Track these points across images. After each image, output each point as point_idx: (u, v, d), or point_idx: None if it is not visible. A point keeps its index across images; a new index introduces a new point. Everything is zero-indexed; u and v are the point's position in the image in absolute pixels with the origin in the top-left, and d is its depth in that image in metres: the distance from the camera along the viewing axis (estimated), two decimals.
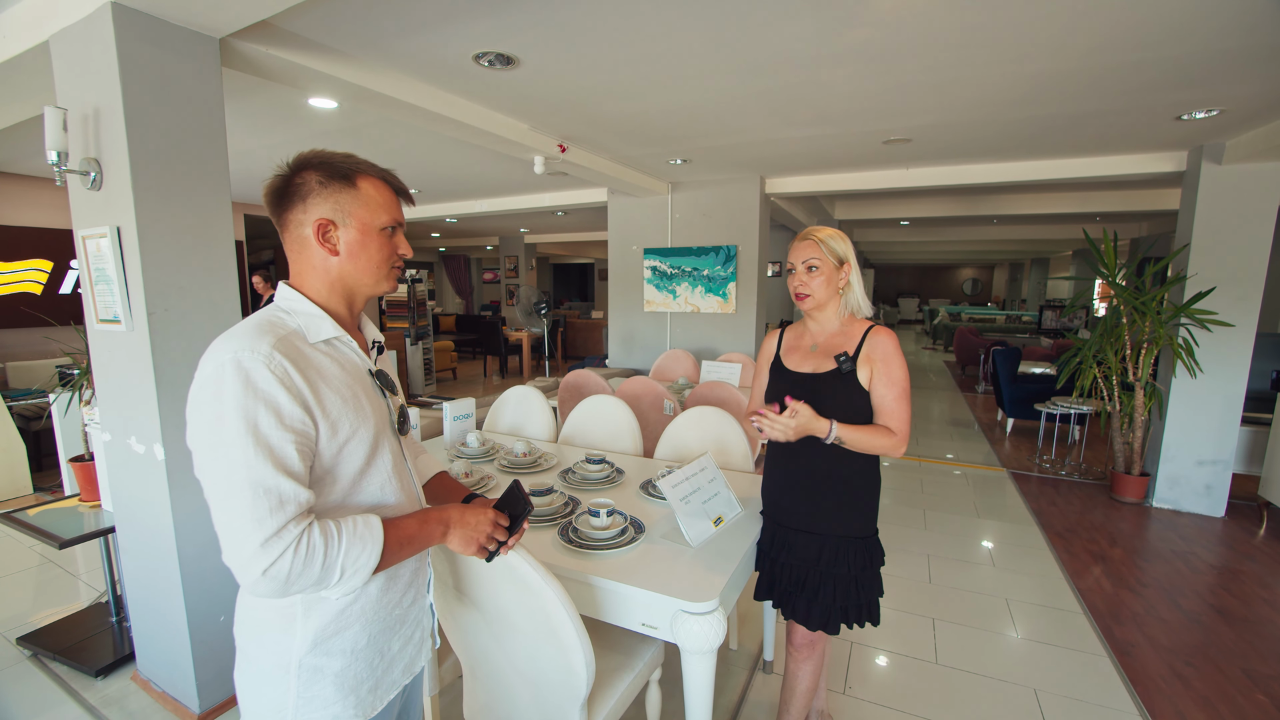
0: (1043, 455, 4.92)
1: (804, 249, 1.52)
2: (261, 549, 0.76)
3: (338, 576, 0.83)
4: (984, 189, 5.59)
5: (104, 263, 1.78)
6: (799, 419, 1.41)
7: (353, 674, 0.93)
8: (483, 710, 1.47)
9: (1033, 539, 3.37)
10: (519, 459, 2.30)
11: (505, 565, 1.20)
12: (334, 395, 0.88)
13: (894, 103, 2.90)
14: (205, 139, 1.83)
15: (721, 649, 2.34)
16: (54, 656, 2.23)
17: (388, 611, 0.98)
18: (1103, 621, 2.57)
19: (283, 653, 0.89)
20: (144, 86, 1.68)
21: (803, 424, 1.41)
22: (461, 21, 2.07)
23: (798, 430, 1.41)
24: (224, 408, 0.78)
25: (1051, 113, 3.03)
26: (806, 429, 1.42)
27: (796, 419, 1.41)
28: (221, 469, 0.78)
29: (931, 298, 20.29)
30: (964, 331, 8.94)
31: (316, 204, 0.90)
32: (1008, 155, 3.97)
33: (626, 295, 5.72)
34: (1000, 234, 9.53)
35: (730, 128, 3.40)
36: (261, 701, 0.90)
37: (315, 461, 0.87)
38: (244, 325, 0.86)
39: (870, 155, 4.02)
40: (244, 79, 2.55)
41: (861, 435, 1.44)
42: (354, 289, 0.97)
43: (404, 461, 1.03)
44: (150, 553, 1.93)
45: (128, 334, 1.79)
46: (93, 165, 1.74)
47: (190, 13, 1.70)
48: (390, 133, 3.64)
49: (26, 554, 3.15)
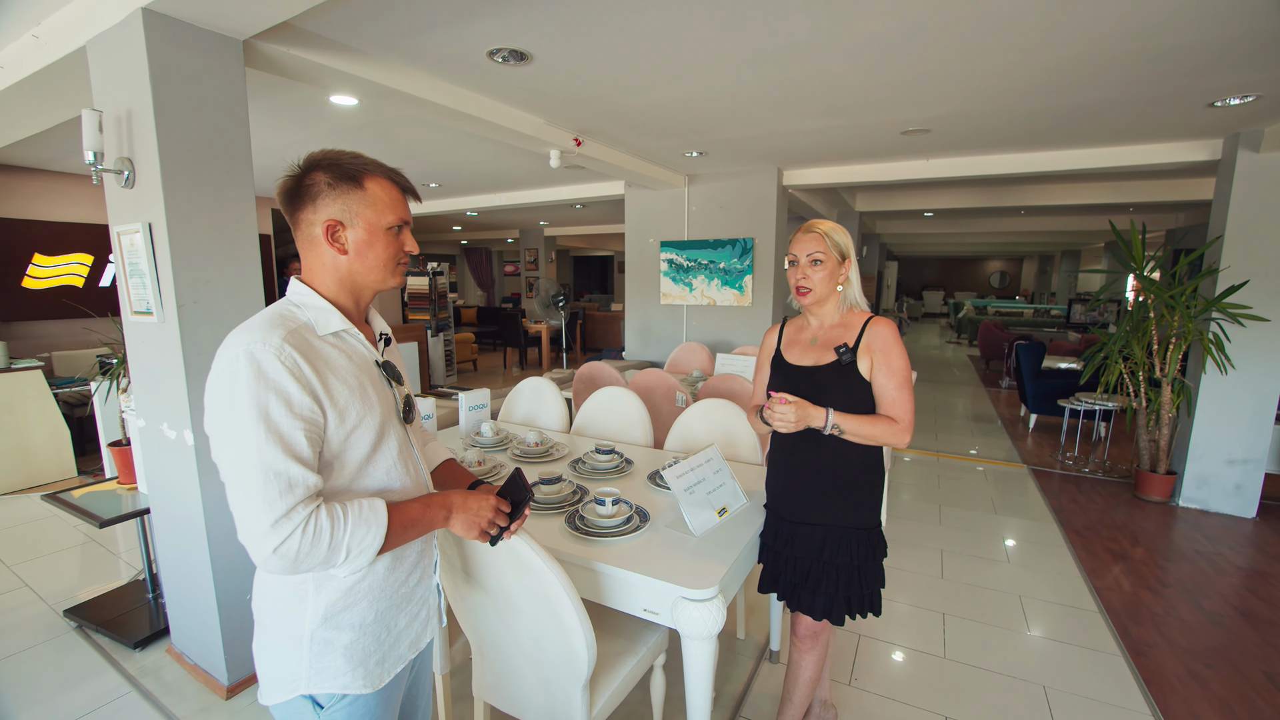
0: (1065, 452, 4.81)
1: (808, 242, 1.51)
2: (272, 529, 0.82)
3: (344, 556, 0.89)
4: (1010, 179, 5.44)
5: (137, 257, 1.87)
6: (796, 410, 1.42)
7: (361, 647, 0.98)
8: (491, 689, 1.53)
9: (1050, 536, 3.32)
10: (531, 448, 2.35)
11: (509, 549, 1.25)
12: (341, 385, 0.93)
13: (908, 94, 2.85)
14: (230, 138, 1.90)
15: (729, 638, 2.37)
16: (97, 629, 2.37)
17: (394, 590, 1.03)
18: (1119, 621, 2.53)
19: (296, 626, 0.95)
20: (172, 88, 1.76)
21: (800, 414, 1.43)
22: (474, 19, 2.10)
23: (797, 420, 1.43)
24: (238, 397, 0.84)
25: (1074, 102, 2.95)
26: (805, 420, 1.44)
27: (795, 410, 1.42)
28: (236, 453, 0.83)
29: (957, 291, 19.85)
30: (988, 325, 8.75)
31: (325, 205, 0.95)
32: (1032, 145, 3.87)
33: (643, 288, 5.74)
34: (1028, 225, 9.27)
35: (743, 120, 3.39)
36: (278, 671, 0.96)
37: (324, 447, 0.92)
38: (258, 319, 0.91)
39: (889, 146, 3.96)
40: (268, 78, 2.62)
41: (862, 425, 1.45)
42: (362, 285, 1.01)
43: (410, 448, 1.08)
44: (181, 533, 2.03)
45: (159, 325, 1.88)
46: (126, 164, 1.83)
47: (215, 16, 1.76)
48: (410, 128, 3.71)
49: (72, 533, 3.33)
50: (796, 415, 1.42)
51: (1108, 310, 9.63)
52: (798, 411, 1.42)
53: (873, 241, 10.99)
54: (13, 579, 2.84)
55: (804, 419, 1.44)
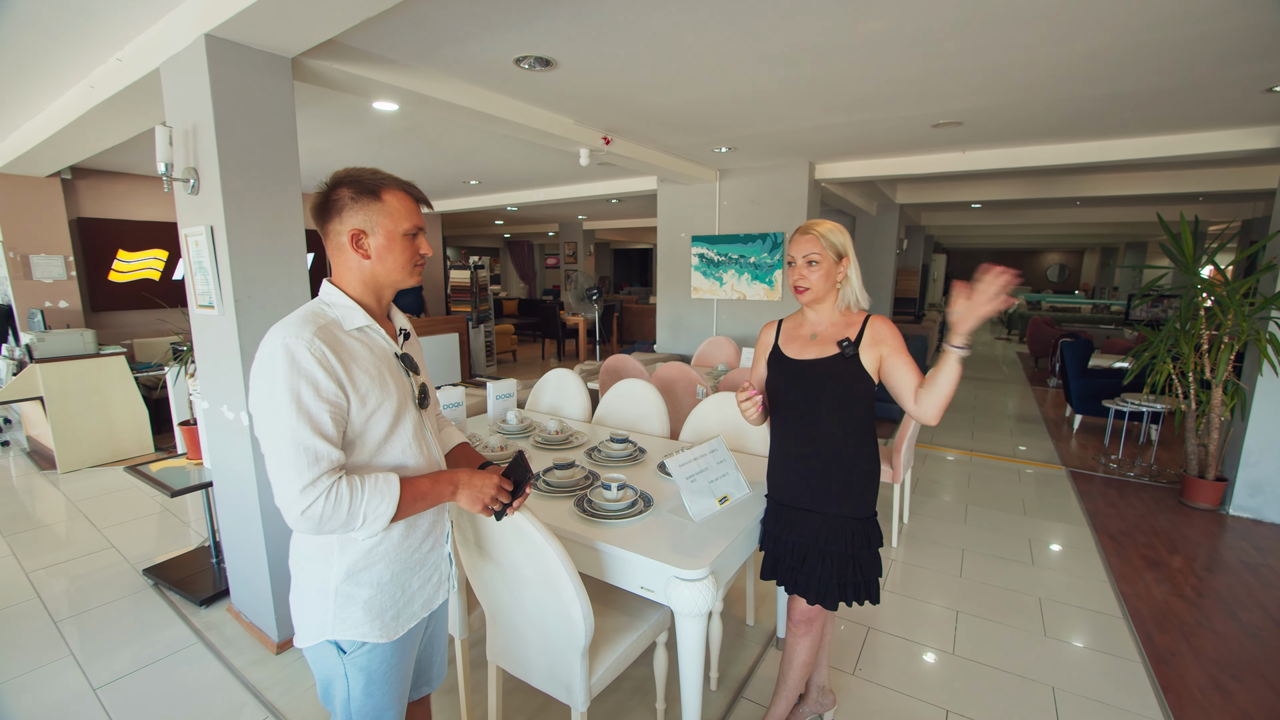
0: (1109, 455, 4.63)
1: (804, 243, 1.57)
2: (300, 494, 0.96)
3: (361, 521, 1.03)
4: (1056, 170, 5.22)
5: (201, 256, 2.09)
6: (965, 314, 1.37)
7: (378, 603, 1.13)
8: (502, 653, 1.67)
9: (1081, 540, 3.24)
10: (552, 436, 2.49)
11: (514, 526, 1.38)
12: (363, 374, 1.07)
13: (935, 87, 2.82)
14: (280, 148, 2.10)
15: (738, 624, 2.46)
16: (170, 587, 2.66)
17: (408, 554, 1.17)
18: (1144, 628, 2.47)
19: (323, 581, 1.10)
20: (230, 104, 1.96)
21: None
22: (500, 30, 2.23)
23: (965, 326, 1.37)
24: (275, 383, 0.98)
25: (1113, 91, 2.84)
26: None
27: (752, 405, 1.55)
28: (273, 430, 0.98)
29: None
30: (1038, 321, 8.39)
31: (350, 216, 1.08)
32: (1075, 135, 3.72)
33: (674, 282, 5.81)
34: (1087, 216, 8.79)
35: (766, 116, 3.41)
36: (308, 619, 1.12)
37: (348, 427, 1.06)
38: (294, 316, 1.06)
39: (921, 139, 3.89)
40: (316, 89, 2.83)
41: (943, 382, 1.42)
42: (383, 285, 1.15)
43: (424, 430, 1.21)
44: (238, 505, 2.27)
45: (219, 317, 2.10)
46: (192, 174, 2.05)
47: (267, 37, 1.95)
48: (447, 130, 3.89)
49: (150, 502, 3.71)
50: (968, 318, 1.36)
51: (1173, 306, 9.05)
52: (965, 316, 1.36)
53: (917, 234, 10.67)
54: (102, 540, 3.19)
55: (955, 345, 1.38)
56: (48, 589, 2.72)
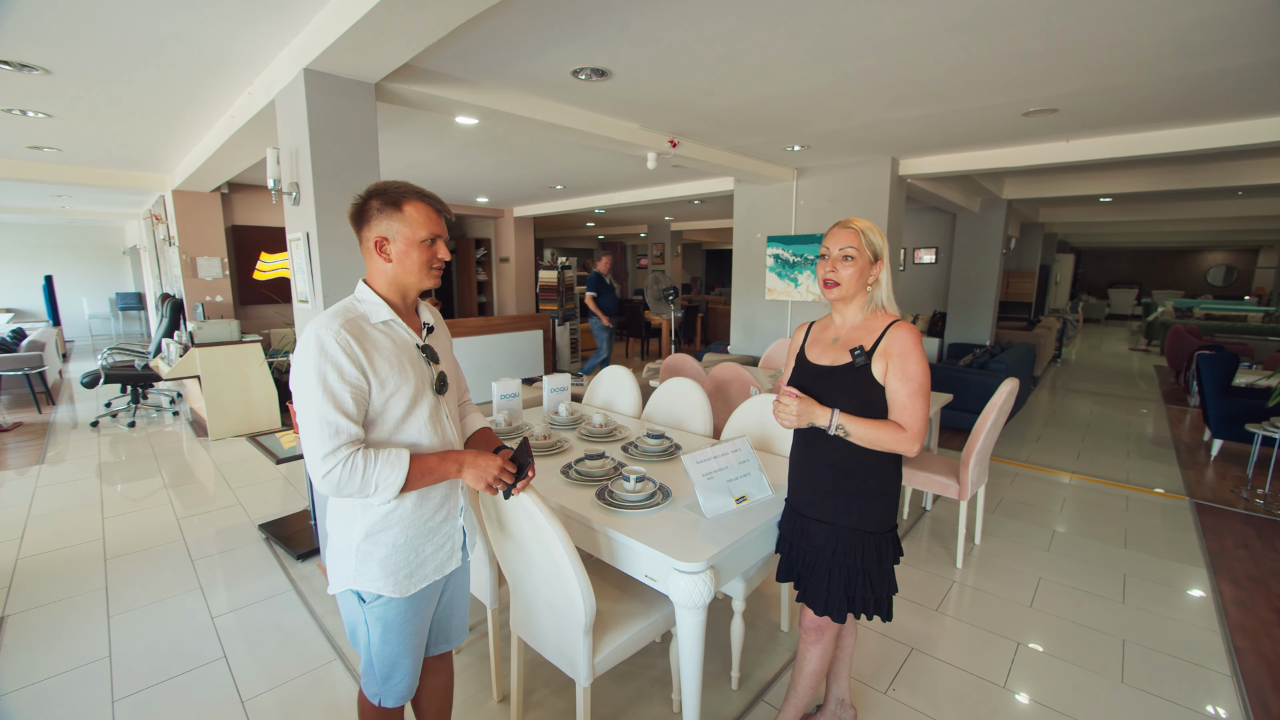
0: (1254, 488, 3.95)
1: (842, 236, 1.53)
2: (322, 460, 1.14)
3: (374, 488, 1.19)
4: (1194, 156, 4.47)
5: (301, 258, 2.44)
6: (799, 405, 1.48)
7: (393, 562, 1.29)
8: (522, 624, 1.81)
9: (1193, 582, 2.82)
10: (596, 429, 2.61)
11: (522, 507, 1.50)
12: (383, 361, 1.23)
13: (1014, 73, 2.59)
14: (363, 164, 2.39)
15: (772, 629, 2.44)
16: (276, 541, 3.11)
17: (422, 523, 1.33)
18: (1257, 690, 2.13)
19: (347, 538, 1.28)
20: (322, 126, 2.27)
21: (803, 410, 1.48)
22: (555, 45, 2.38)
23: (800, 416, 1.49)
24: (307, 366, 1.17)
25: (1238, 64, 2.45)
26: (808, 415, 1.49)
27: (797, 404, 1.48)
28: (304, 405, 1.17)
29: (1159, 288, 16.51)
30: (1179, 331, 7.28)
31: (376, 224, 1.25)
32: (1202, 117, 3.23)
33: (749, 283, 5.75)
34: (1256, 209, 7.49)
35: (834, 113, 3.30)
36: (336, 570, 1.31)
37: (369, 407, 1.23)
38: (329, 310, 1.24)
39: (1015, 129, 3.56)
40: (405, 110, 3.17)
41: (867, 429, 1.46)
42: (405, 285, 1.31)
43: (440, 413, 1.36)
44: None
45: (312, 310, 2.43)
46: (295, 188, 2.40)
47: (352, 66, 2.24)
48: (525, 139, 4.16)
49: (274, 469, 4.31)
50: (799, 410, 1.48)
51: None
52: (800, 406, 1.48)
53: (1034, 232, 9.67)
54: (233, 498, 3.78)
55: (807, 415, 1.49)
56: (191, 533, 3.28)
